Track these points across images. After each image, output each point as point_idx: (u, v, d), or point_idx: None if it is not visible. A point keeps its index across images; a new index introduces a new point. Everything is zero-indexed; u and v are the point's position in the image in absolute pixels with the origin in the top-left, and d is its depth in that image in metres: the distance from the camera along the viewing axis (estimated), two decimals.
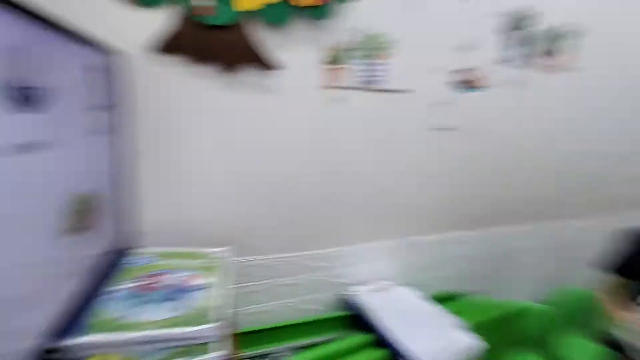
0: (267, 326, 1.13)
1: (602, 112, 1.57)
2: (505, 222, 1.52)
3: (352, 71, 1.12)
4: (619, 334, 0.94)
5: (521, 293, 1.59)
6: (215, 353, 0.64)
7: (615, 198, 1.72)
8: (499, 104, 1.36)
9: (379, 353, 0.99)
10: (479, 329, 1.05)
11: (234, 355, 0.68)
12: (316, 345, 1.07)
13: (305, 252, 1.20)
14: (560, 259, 1.68)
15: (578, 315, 1.36)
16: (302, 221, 1.18)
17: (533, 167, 1.52)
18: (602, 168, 1.64)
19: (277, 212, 1.14)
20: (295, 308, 1.21)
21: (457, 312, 1.10)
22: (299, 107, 1.09)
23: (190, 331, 0.63)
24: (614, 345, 0.96)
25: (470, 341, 0.98)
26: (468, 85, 1.28)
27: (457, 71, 1.25)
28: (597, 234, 1.33)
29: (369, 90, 1.16)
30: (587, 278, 1.16)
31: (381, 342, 1.01)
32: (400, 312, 1.08)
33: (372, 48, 1.12)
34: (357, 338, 1.05)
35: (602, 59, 1.48)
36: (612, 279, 1.00)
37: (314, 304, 1.23)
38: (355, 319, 1.15)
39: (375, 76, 1.15)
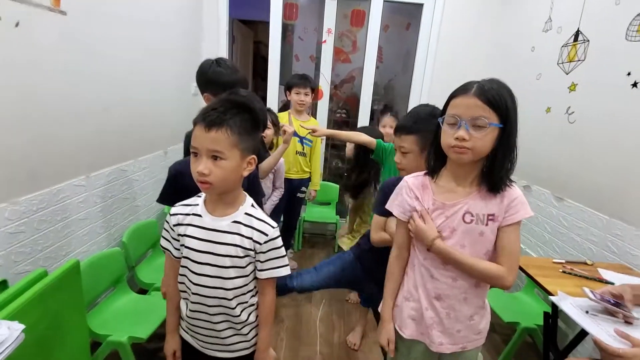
0: None
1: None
2: (51, 181, 1.35)
3: None
4: None
5: (93, 245, 1.62)
6: None
7: (159, 137, 2.10)
8: None
9: None
10: (31, 305, 0.99)
11: None
12: None
13: None
14: (117, 201, 1.78)
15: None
16: None
17: (62, 119, 1.37)
18: (139, 113, 1.85)
19: None
20: None
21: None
22: None
23: None
24: None
25: (7, 332, 0.82)
26: None
27: None
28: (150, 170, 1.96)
29: None
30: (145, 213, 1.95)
31: None
32: None
33: None
34: None
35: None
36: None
37: None
38: None
39: None
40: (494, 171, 0.85)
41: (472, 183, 0.90)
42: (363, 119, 2.94)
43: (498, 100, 0.81)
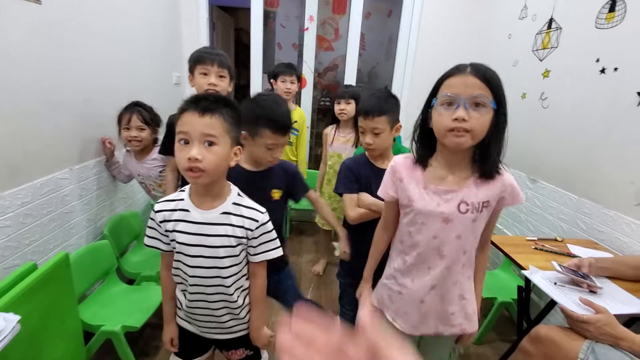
0: None
1: None
2: (34, 175, 1.33)
3: None
4: None
5: (81, 238, 1.63)
6: None
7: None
8: None
9: None
10: (22, 299, 1.01)
11: None
12: None
13: None
14: (103, 193, 1.80)
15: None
16: None
17: (41, 111, 1.33)
18: (120, 104, 1.72)
19: None
20: None
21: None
22: None
23: None
24: None
25: (4, 323, 0.85)
26: None
27: None
28: None
29: None
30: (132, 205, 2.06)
31: None
32: None
33: None
34: None
35: None
36: None
37: None
38: None
39: None
40: (489, 156, 0.84)
41: (464, 170, 0.87)
42: None
43: (494, 79, 0.79)
